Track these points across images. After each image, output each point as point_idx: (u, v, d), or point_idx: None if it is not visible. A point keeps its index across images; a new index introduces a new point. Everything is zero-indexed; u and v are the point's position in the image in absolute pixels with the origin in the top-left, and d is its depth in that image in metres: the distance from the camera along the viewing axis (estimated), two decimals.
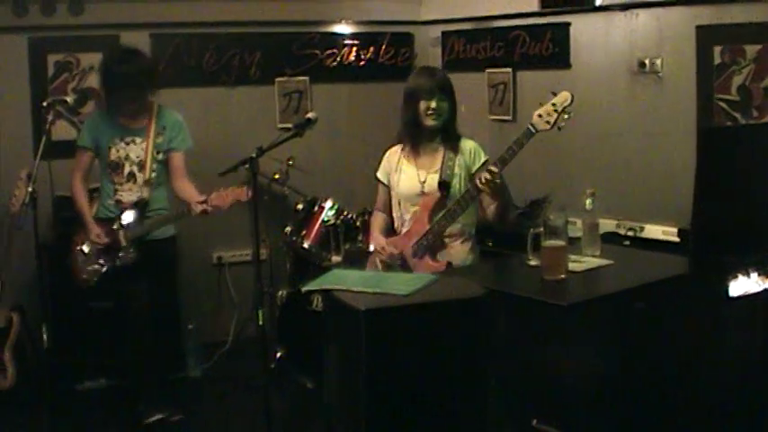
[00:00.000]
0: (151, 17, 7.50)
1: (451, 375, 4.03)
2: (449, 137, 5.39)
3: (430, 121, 5.29)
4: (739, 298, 4.50)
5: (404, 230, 5.43)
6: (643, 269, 4.91)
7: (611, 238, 6.14)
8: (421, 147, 5.40)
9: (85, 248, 6.16)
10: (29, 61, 7.29)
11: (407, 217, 5.43)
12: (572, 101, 4.88)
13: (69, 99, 6.46)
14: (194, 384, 7.18)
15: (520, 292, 4.40)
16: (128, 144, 6.18)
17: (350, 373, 4.15)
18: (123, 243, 6.09)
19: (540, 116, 4.91)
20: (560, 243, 4.48)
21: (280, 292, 7.06)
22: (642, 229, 6.46)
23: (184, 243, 7.17)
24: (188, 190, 6.22)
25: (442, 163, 5.32)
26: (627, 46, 6.73)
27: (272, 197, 7.30)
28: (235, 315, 7.78)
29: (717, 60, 6.17)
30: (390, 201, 5.60)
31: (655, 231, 6.38)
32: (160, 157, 6.21)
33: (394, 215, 5.55)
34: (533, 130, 4.90)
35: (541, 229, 4.57)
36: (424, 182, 5.34)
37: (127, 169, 6.18)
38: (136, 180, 6.17)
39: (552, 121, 4.89)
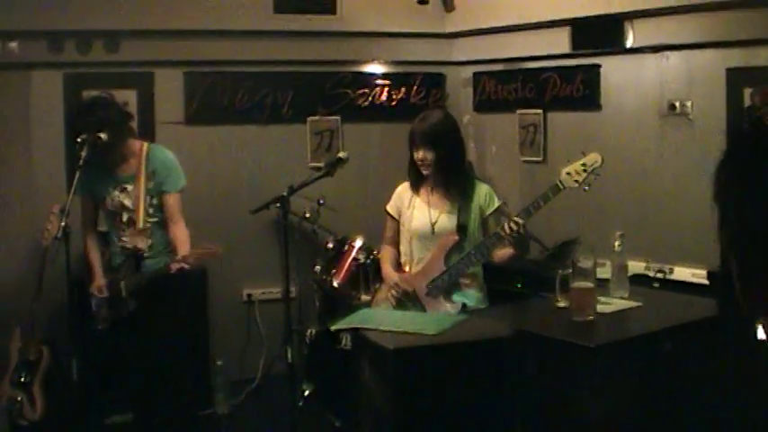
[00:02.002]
0: (185, 55, 7.58)
1: (479, 415, 4.03)
2: (458, 181, 5.40)
3: (423, 170, 5.34)
4: None
5: (416, 268, 5.45)
6: (671, 311, 4.90)
7: (640, 280, 6.12)
8: (431, 188, 5.43)
9: (92, 300, 6.18)
10: (64, 97, 7.35)
11: (416, 254, 5.45)
12: (602, 162, 4.92)
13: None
14: (222, 421, 7.19)
15: (548, 332, 4.40)
16: (121, 192, 6.06)
17: (378, 412, 4.16)
18: (124, 295, 6.07)
19: (568, 174, 4.95)
20: (589, 284, 4.50)
21: (309, 330, 7.06)
22: (671, 271, 6.45)
23: (215, 280, 7.23)
24: (179, 236, 6.12)
25: (459, 206, 5.35)
26: (657, 88, 6.74)
27: (302, 235, 7.32)
28: (263, 352, 7.79)
29: (747, 102, 6.17)
30: (398, 235, 5.63)
31: (684, 273, 6.36)
32: (154, 201, 6.13)
33: (401, 250, 5.58)
34: (561, 187, 4.94)
35: (570, 270, 4.59)
36: (435, 222, 5.37)
37: (125, 216, 6.10)
38: (135, 226, 6.13)
39: (581, 180, 4.93)
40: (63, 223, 5.64)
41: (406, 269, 5.54)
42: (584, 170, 4.92)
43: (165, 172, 6.16)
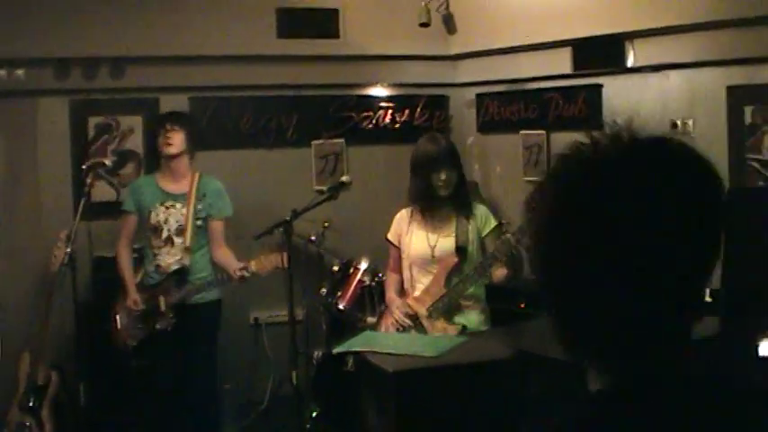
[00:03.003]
0: (190, 80, 7.62)
1: None
2: (460, 202, 5.45)
3: (442, 192, 5.36)
4: None
5: (416, 293, 5.47)
6: None
7: None
8: (432, 211, 5.46)
9: (122, 316, 6.26)
10: (70, 123, 7.40)
11: (417, 279, 5.49)
12: None
13: (108, 161, 6.61)
14: None
15: (549, 353, 4.41)
16: (168, 208, 6.30)
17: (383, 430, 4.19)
18: (163, 309, 6.17)
19: None
20: None
21: (315, 353, 7.08)
22: None
23: (222, 304, 7.26)
24: (226, 257, 6.38)
25: (457, 228, 5.38)
26: (659, 107, 6.76)
27: (308, 258, 7.35)
28: (271, 375, 7.80)
29: (748, 120, 6.19)
30: (400, 261, 5.66)
31: None
32: (199, 223, 6.31)
33: (404, 276, 5.61)
34: None
35: None
36: (434, 246, 5.40)
37: (164, 233, 6.29)
38: (173, 244, 6.28)
39: None
40: (69, 249, 5.68)
41: (410, 294, 5.57)
42: None
43: (215, 197, 6.45)
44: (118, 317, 6.32)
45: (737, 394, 1.64)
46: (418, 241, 5.48)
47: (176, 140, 6.34)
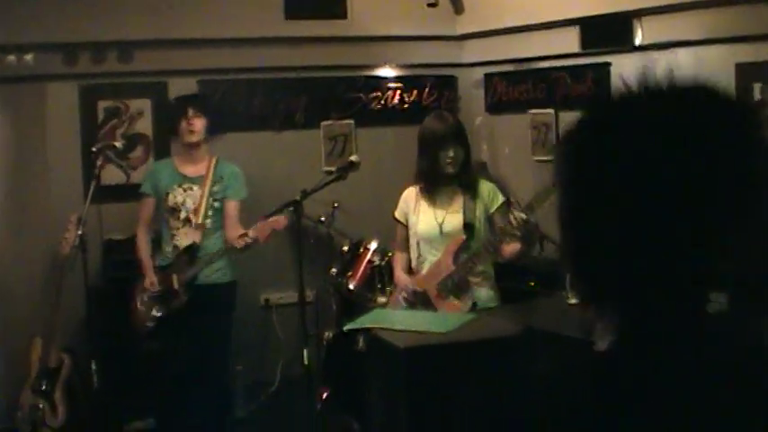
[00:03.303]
0: (198, 64, 7.63)
1: (490, 413, 4.06)
2: (467, 179, 5.46)
3: (449, 169, 5.36)
4: None
5: (424, 270, 5.48)
6: None
7: None
8: (439, 189, 5.47)
9: (141, 298, 6.31)
10: (79, 107, 7.41)
11: (425, 256, 5.50)
12: None
13: (118, 144, 6.64)
14: (242, 424, 7.24)
15: (558, 329, 4.44)
16: (185, 191, 6.36)
17: (391, 410, 4.20)
18: (176, 287, 6.22)
19: None
20: None
21: (326, 334, 7.10)
22: None
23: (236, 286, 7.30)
24: (237, 234, 6.40)
25: (464, 205, 5.39)
26: None
27: (317, 239, 7.37)
28: (281, 356, 7.83)
29: (757, 97, 6.19)
30: (408, 239, 5.67)
31: None
32: (216, 204, 6.37)
33: (411, 254, 5.62)
34: None
35: None
36: (442, 222, 5.42)
37: (183, 215, 6.35)
38: (191, 225, 6.32)
39: None
40: (80, 232, 5.71)
41: (418, 272, 5.58)
42: None
43: (232, 179, 6.55)
44: (138, 299, 6.36)
45: (751, 351, 1.62)
46: (426, 219, 5.49)
47: (198, 127, 6.42)
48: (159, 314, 6.31)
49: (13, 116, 7.22)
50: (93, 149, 6.36)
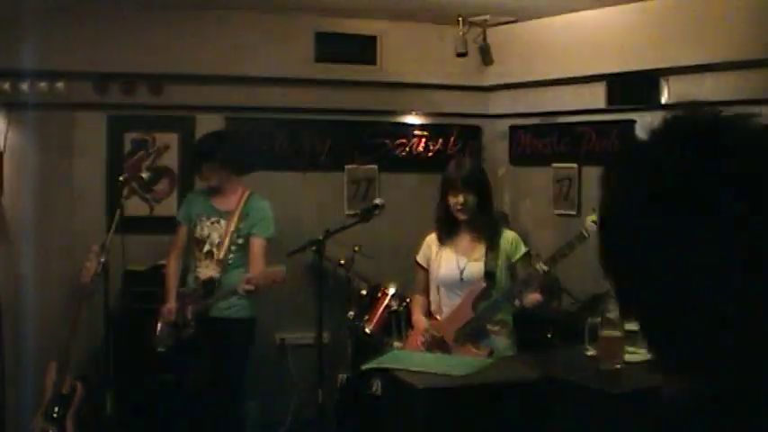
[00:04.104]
0: (227, 100, 7.70)
1: None
2: (487, 227, 5.46)
3: (460, 215, 5.38)
4: None
5: (443, 316, 5.49)
6: None
7: None
8: (459, 235, 5.49)
9: (160, 323, 6.34)
10: (106, 138, 7.49)
11: (445, 302, 5.50)
12: None
13: (145, 175, 6.68)
14: None
15: (575, 379, 4.44)
16: (212, 224, 6.39)
17: None
18: (189, 317, 6.24)
19: (594, 222, 5.00)
20: (617, 333, 4.53)
21: (340, 376, 7.11)
22: None
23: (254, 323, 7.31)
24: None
25: (486, 253, 5.40)
26: None
27: (336, 282, 7.39)
28: (294, 397, 7.82)
29: None
30: (428, 284, 5.68)
31: None
32: (240, 241, 6.38)
33: (431, 299, 5.62)
34: (586, 235, 5.00)
35: (599, 319, 4.64)
36: (464, 269, 5.42)
37: (206, 247, 6.38)
38: (213, 258, 6.34)
39: None
40: (103, 260, 5.73)
41: (436, 317, 5.59)
42: None
43: (259, 216, 6.50)
44: (158, 323, 6.40)
45: None
46: (447, 264, 5.50)
47: (213, 176, 6.42)
48: (170, 341, 6.32)
49: (41, 142, 7.29)
50: (120, 179, 6.41)
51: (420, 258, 5.74)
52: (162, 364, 6.45)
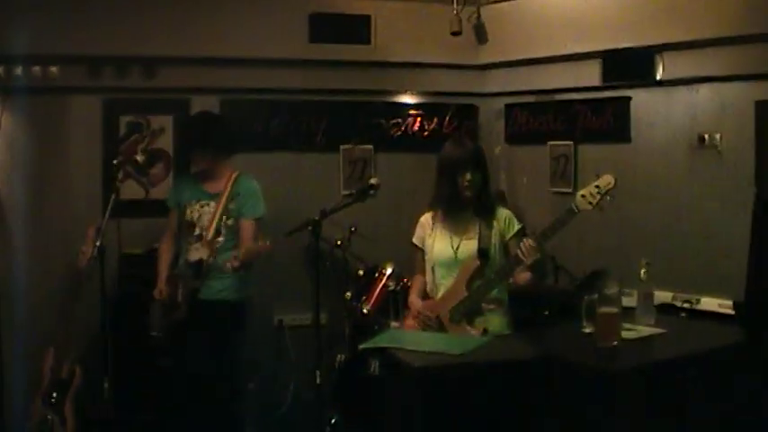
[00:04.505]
0: (221, 82, 7.68)
1: None
2: (483, 205, 5.46)
3: (466, 193, 5.36)
4: None
5: (439, 295, 5.49)
6: (696, 338, 4.93)
7: (667, 310, 6.15)
8: (455, 214, 5.48)
9: (152, 307, 6.33)
10: (101, 121, 7.48)
11: (440, 281, 5.50)
12: (615, 184, 4.96)
13: (139, 158, 6.67)
14: None
15: (572, 357, 4.44)
16: (202, 207, 6.37)
17: (404, 430, 4.21)
18: (179, 299, 6.23)
19: (583, 197, 5.00)
20: (614, 310, 4.53)
21: (338, 357, 7.11)
22: (698, 301, 6.47)
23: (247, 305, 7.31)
24: None
25: (480, 231, 5.40)
26: (687, 121, 6.79)
27: (333, 263, 7.38)
28: (293, 377, 7.83)
29: None
30: (425, 264, 5.68)
31: (711, 304, 6.38)
32: (230, 222, 6.35)
33: (427, 278, 5.62)
34: (576, 210, 4.99)
35: (596, 296, 4.64)
36: (458, 248, 5.42)
37: (197, 231, 6.34)
38: (202, 241, 6.33)
39: (595, 202, 4.97)
40: (98, 243, 5.72)
41: (433, 297, 5.58)
42: (599, 192, 4.96)
43: (248, 196, 6.46)
44: (150, 308, 6.40)
45: None
46: (441, 244, 5.49)
47: (204, 160, 6.38)
48: (163, 324, 6.31)
49: (36, 127, 7.26)
50: (115, 162, 6.40)
51: (416, 239, 5.73)
52: (159, 348, 6.43)
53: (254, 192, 6.49)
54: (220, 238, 6.32)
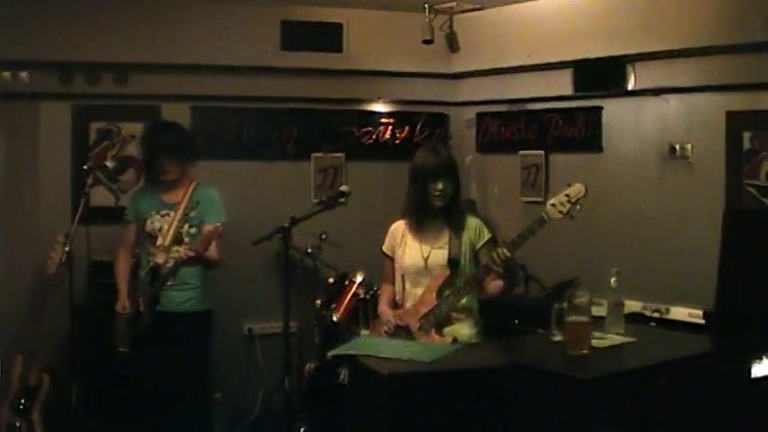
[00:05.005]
0: (192, 89, 7.66)
1: None
2: (454, 214, 5.46)
3: (437, 202, 5.36)
4: (762, 379, 4.53)
5: (408, 304, 5.48)
6: (666, 347, 4.94)
7: (637, 320, 6.16)
8: (426, 223, 5.48)
9: (117, 322, 6.29)
10: (71, 128, 7.46)
11: (410, 290, 5.49)
12: (585, 193, 4.98)
13: (109, 164, 6.63)
14: None
15: (543, 365, 4.43)
16: (162, 216, 6.32)
17: None
18: (142, 308, 6.19)
19: (553, 205, 5.01)
20: (584, 319, 4.54)
21: (308, 365, 7.09)
22: (668, 310, 6.49)
23: (216, 314, 7.25)
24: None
25: (449, 240, 5.40)
26: (657, 131, 6.82)
27: (303, 271, 7.35)
28: (263, 386, 7.81)
29: (746, 146, 6.25)
30: (395, 273, 5.67)
31: (680, 314, 6.40)
32: (193, 231, 6.31)
33: (397, 287, 5.61)
34: (546, 219, 5.00)
35: (566, 304, 4.64)
36: (428, 257, 5.41)
37: (159, 240, 6.30)
38: (159, 247, 6.28)
39: (565, 210, 4.99)
40: (67, 249, 5.69)
41: (403, 306, 5.57)
42: (569, 201, 4.98)
43: (209, 205, 6.41)
44: (115, 323, 6.34)
45: None
46: (411, 252, 5.49)
47: (173, 169, 6.33)
48: (129, 338, 6.26)
49: (5, 132, 7.23)
50: (84, 168, 6.34)
51: (386, 248, 5.72)
52: (127, 360, 6.38)
53: (215, 199, 6.46)
54: (181, 247, 6.24)
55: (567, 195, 5.00)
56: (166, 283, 6.24)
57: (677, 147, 6.66)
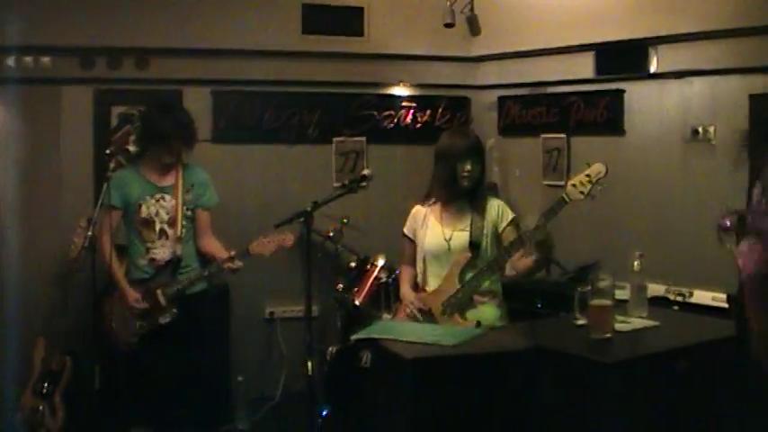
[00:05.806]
0: (213, 74, 7.68)
1: (495, 427, 4.06)
2: (477, 196, 5.45)
3: (465, 183, 5.35)
4: None
5: (430, 286, 5.48)
6: (689, 331, 4.92)
7: (660, 303, 6.15)
8: (450, 205, 5.47)
9: (116, 316, 6.23)
10: (93, 112, 7.47)
11: (432, 273, 5.49)
12: (606, 173, 4.95)
13: (132, 148, 6.62)
14: None
15: (565, 348, 4.42)
16: (158, 201, 6.22)
17: (395, 422, 4.20)
18: (163, 302, 6.14)
19: (573, 186, 4.99)
20: (607, 302, 4.53)
21: (330, 349, 7.09)
22: (691, 294, 6.46)
23: (238, 297, 7.29)
24: (214, 246, 6.35)
25: (471, 222, 5.39)
26: (680, 113, 6.78)
27: (325, 255, 7.37)
28: (284, 369, 7.83)
29: None
30: (415, 256, 5.66)
31: (704, 297, 6.37)
32: (189, 213, 6.27)
33: (418, 270, 5.60)
34: (567, 200, 4.99)
35: (589, 288, 4.63)
36: (450, 239, 5.40)
37: (158, 226, 6.22)
38: (168, 237, 6.22)
39: (586, 191, 4.97)
40: (90, 233, 5.69)
41: (424, 288, 5.56)
42: (589, 181, 4.96)
43: (202, 187, 6.38)
44: (111, 318, 6.25)
45: None
46: (433, 235, 5.48)
47: (172, 153, 6.24)
48: (143, 330, 6.19)
49: (28, 117, 7.23)
50: (107, 152, 6.34)
51: (407, 230, 5.71)
52: (140, 350, 6.31)
53: (207, 181, 6.43)
54: (183, 231, 6.23)
55: (587, 175, 4.98)
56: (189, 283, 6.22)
57: (700, 129, 6.63)
